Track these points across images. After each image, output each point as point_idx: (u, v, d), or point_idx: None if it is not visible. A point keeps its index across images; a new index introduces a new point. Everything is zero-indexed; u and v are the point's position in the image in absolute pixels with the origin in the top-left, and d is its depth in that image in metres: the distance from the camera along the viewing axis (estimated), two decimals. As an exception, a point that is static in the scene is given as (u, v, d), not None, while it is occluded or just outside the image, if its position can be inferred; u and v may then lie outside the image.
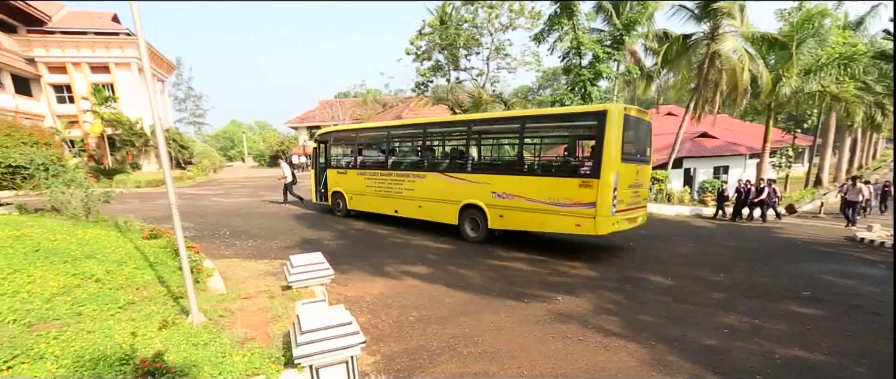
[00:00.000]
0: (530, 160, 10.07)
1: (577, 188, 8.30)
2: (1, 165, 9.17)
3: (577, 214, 8.34)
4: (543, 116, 9.85)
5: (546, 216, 8.84)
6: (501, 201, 9.51)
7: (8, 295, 4.61)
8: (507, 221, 9.57)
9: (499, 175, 9.76)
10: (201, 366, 3.84)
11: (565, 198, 8.47)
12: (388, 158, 12.14)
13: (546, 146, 10.65)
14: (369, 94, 32.71)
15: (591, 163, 8.27)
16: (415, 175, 11.18)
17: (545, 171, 9.54)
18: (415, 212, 11.33)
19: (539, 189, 8.91)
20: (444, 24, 25.13)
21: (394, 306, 6.21)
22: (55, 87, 27.53)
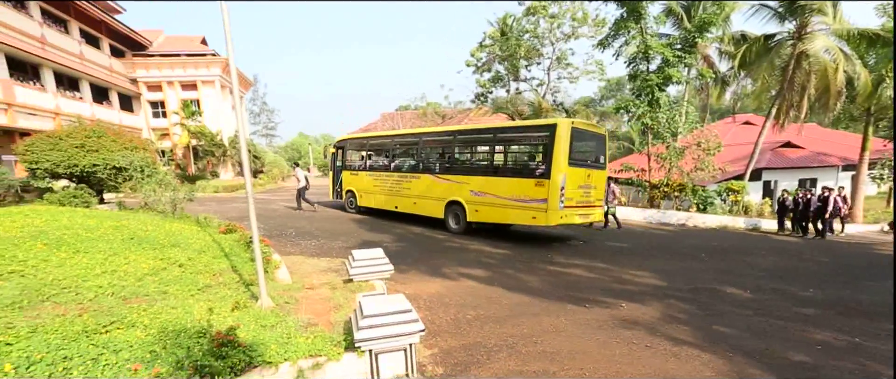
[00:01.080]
0: (499, 164, 11.45)
1: (533, 187, 9.87)
2: (108, 166, 10.29)
3: (534, 208, 9.83)
4: (510, 128, 11.70)
5: (510, 210, 10.38)
6: (477, 199, 11.07)
7: (108, 273, 5.13)
8: (481, 215, 11.09)
9: (476, 176, 11.26)
10: (268, 344, 4.02)
11: (524, 195, 10.02)
12: (391, 162, 13.77)
13: (513, 153, 12.06)
14: (429, 106, 33.35)
15: (544, 166, 9.82)
16: (411, 176, 12.82)
17: (510, 174, 10.85)
18: (411, 207, 12.85)
19: (505, 188, 10.48)
20: (505, 35, 25.23)
21: (451, 305, 6.19)
22: (151, 103, 30.76)
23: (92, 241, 6.17)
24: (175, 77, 30.10)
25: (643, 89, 14.33)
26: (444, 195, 11.86)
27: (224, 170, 31.98)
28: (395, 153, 14.01)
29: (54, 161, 10.03)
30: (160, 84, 30.12)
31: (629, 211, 15.10)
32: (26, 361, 3.03)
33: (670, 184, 14.70)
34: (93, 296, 4.48)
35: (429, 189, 12.25)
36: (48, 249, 5.52)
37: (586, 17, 22.56)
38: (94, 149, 10.45)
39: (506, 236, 11.45)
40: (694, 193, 14.81)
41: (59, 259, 5.28)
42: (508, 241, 10.85)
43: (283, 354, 3.90)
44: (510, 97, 23.54)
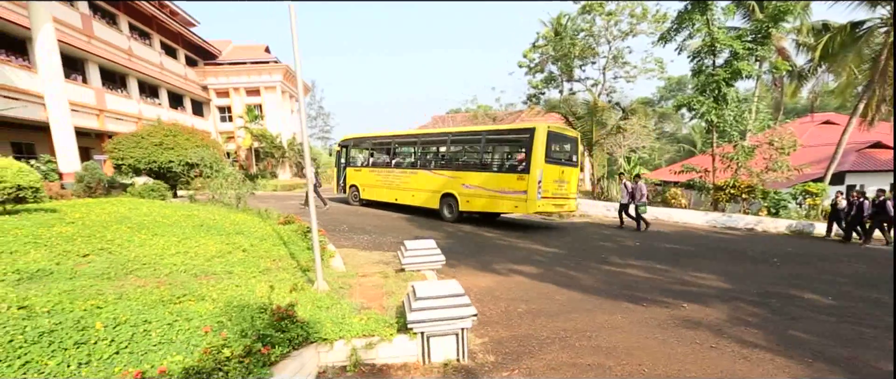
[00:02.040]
0: (487, 161, 12.65)
1: (516, 180, 11.35)
2: (182, 162, 11.13)
3: (516, 198, 11.31)
4: (496, 130, 13.14)
5: (497, 200, 11.82)
6: (468, 191, 12.47)
7: (181, 254, 5.54)
8: (471, 205, 12.47)
9: (467, 172, 12.65)
10: (324, 323, 4.15)
11: (508, 187, 11.49)
12: (391, 160, 15.11)
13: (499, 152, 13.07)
14: (480, 108, 33.37)
15: (524, 163, 11.27)
16: (410, 172, 14.24)
17: (497, 170, 12.26)
18: (409, 199, 14.09)
19: (492, 181, 11.96)
20: (559, 35, 24.73)
21: (501, 299, 6.11)
22: (219, 108, 33.02)
23: (168, 226, 6.69)
24: (241, 84, 32.11)
25: (708, 85, 13.46)
26: (439, 188, 13.26)
27: (282, 170, 33.63)
28: (395, 151, 15.33)
29: (137, 157, 10.99)
30: (228, 90, 32.24)
31: (689, 214, 14.25)
32: (113, 321, 3.32)
33: (737, 185, 13.70)
34: (168, 272, 4.84)
35: (426, 183, 13.62)
36: (131, 232, 6.04)
37: (646, 12, 21.63)
38: (170, 146, 11.35)
39: (556, 237, 11.19)
40: (764, 196, 13.72)
41: (140, 240, 5.77)
42: (559, 240, 10.59)
43: (337, 333, 4.02)
44: (564, 98, 23.03)
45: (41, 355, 2.81)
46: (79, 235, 5.52)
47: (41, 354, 2.83)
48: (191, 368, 2.83)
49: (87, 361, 2.89)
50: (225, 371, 2.96)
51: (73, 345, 2.98)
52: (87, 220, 6.29)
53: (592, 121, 15.46)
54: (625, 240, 10.92)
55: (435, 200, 13.41)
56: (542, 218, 14.62)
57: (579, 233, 11.86)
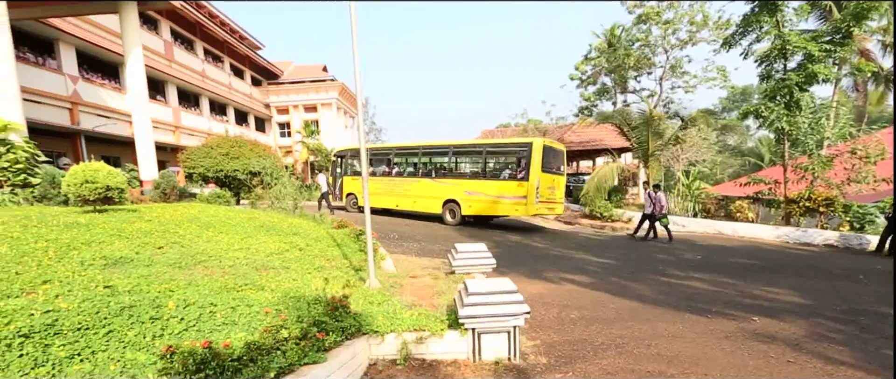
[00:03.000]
0: (489, 170, 13.98)
1: (516, 187, 12.75)
2: (246, 170, 11.84)
3: (516, 202, 12.69)
4: (497, 144, 14.91)
5: (498, 205, 13.16)
6: (470, 197, 13.66)
7: (243, 249, 5.86)
8: (473, 209, 13.69)
9: (470, 180, 13.96)
10: (375, 316, 4.21)
11: (509, 193, 12.87)
12: (392, 169, 15.92)
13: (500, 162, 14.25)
14: (530, 123, 33.13)
15: (523, 172, 12.73)
16: (411, 180, 15.15)
17: (498, 178, 13.53)
18: (411, 206, 14.90)
19: (494, 188, 13.27)
20: (613, 46, 24.24)
21: (553, 305, 5.93)
22: (279, 124, 34.98)
23: (231, 226, 7.11)
24: (299, 101, 33.89)
25: (779, 90, 12.54)
26: (441, 195, 14.20)
27: (336, 184, 34.89)
28: (396, 161, 16.18)
29: (206, 166, 11.82)
30: (287, 108, 34.12)
31: (756, 228, 13.20)
32: (184, 302, 3.55)
33: (813, 198, 12.53)
34: (232, 264, 5.13)
35: (428, 190, 14.52)
36: (200, 230, 6.48)
37: (707, 19, 20.71)
38: (235, 156, 12.12)
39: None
40: (846, 210, 12.46)
41: (207, 237, 6.16)
42: (612, 252, 10.16)
43: (389, 326, 4.06)
44: (618, 109, 22.39)
45: (122, 326, 3.05)
46: (155, 230, 5.99)
47: (122, 325, 3.07)
48: (252, 344, 2.96)
49: (160, 334, 3.10)
50: (283, 351, 3.06)
51: (149, 319, 3.21)
52: (162, 218, 6.82)
53: (648, 131, 14.83)
54: (684, 253, 10.30)
55: (437, 205, 14.35)
56: (595, 231, 14.14)
57: (633, 245, 11.33)
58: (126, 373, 2.63)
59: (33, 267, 4.01)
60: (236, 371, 2.74)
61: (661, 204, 11.79)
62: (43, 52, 16.23)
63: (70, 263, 4.28)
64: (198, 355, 2.60)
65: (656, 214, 11.81)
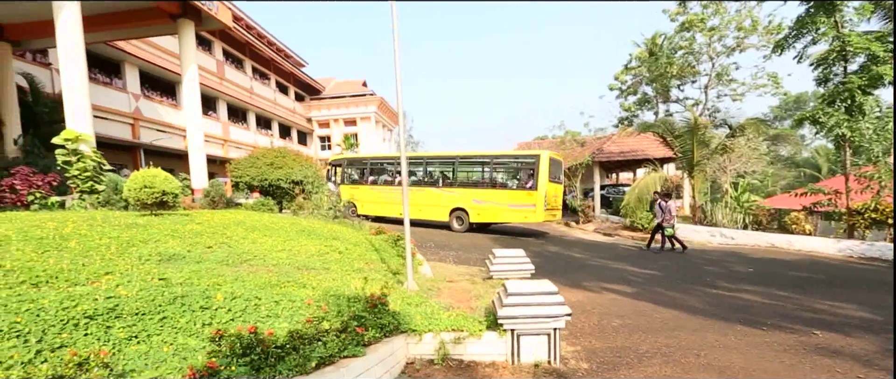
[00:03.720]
0: (498, 180, 14.71)
1: (526, 195, 13.59)
2: (289, 179, 12.27)
3: (526, 210, 13.52)
4: (506, 155, 15.59)
5: (507, 212, 13.95)
6: (479, 205, 14.30)
7: (285, 251, 6.05)
8: (481, 217, 14.37)
9: (478, 189, 14.58)
10: (414, 316, 4.22)
11: (518, 202, 13.67)
12: (394, 178, 16.14)
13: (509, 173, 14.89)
14: (568, 134, 32.65)
15: (532, 182, 13.62)
16: (416, 189, 15.15)
17: (508, 187, 14.34)
18: (415, 214, 14.40)
19: (503, 197, 14.06)
20: (654, 55, 23.67)
21: (593, 313, 5.75)
22: (320, 138, 36.13)
23: (275, 230, 7.36)
24: (340, 115, 34.93)
25: (838, 95, 11.75)
26: (448, 204, 14.69)
27: (374, 196, 35.48)
28: (399, 171, 16.01)
29: (252, 175, 12.34)
30: (328, 121, 35.24)
31: (815, 241, 12.28)
32: (231, 295, 3.70)
33: (881, 209, 11.57)
34: (275, 263, 5.30)
35: (434, 199, 14.89)
36: (245, 232, 6.75)
37: (756, 24, 19.85)
38: (279, 166, 12.60)
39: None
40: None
41: (252, 239, 6.41)
42: (654, 263, 9.75)
43: (427, 326, 4.06)
44: (661, 119, 21.74)
45: (174, 314, 3.21)
46: (205, 232, 6.29)
47: (174, 313, 3.23)
48: (295, 333, 3.03)
49: (209, 322, 3.23)
50: (324, 342, 3.12)
51: (200, 308, 3.36)
52: (211, 222, 7.15)
53: (693, 139, 14.21)
54: (733, 265, 9.74)
55: (444, 213, 14.83)
56: (636, 243, 13.63)
57: (677, 257, 10.83)
58: (178, 355, 2.76)
59: (97, 260, 4.30)
60: (279, 358, 2.80)
61: (671, 214, 11.55)
62: (111, 73, 17.60)
63: (129, 258, 4.56)
64: (244, 340, 2.69)
65: (664, 223, 11.59)
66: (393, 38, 5.51)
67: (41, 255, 4.17)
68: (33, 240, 4.58)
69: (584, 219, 18.73)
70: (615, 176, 28.59)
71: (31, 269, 3.67)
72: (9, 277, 3.43)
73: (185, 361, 2.69)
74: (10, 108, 12.46)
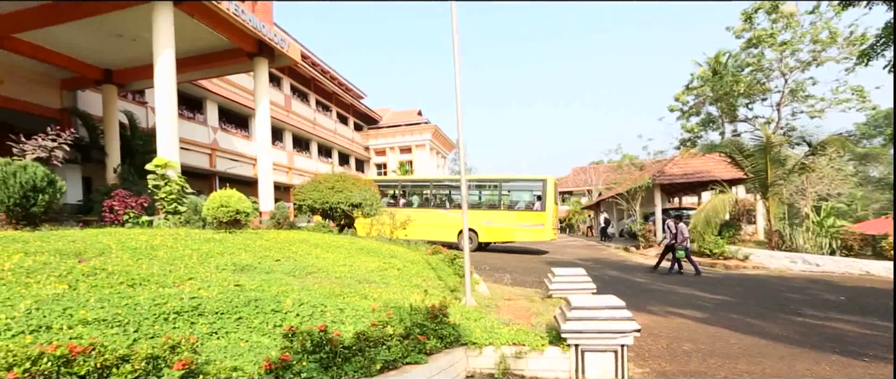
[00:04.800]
0: (507, 202, 15.72)
1: (535, 216, 14.84)
2: (349, 202, 12.76)
3: (535, 230, 14.70)
4: (513, 179, 16.41)
5: (516, 232, 15.07)
6: (488, 226, 15.35)
7: (347, 266, 6.26)
8: (490, 237, 15.48)
9: (488, 210, 15.67)
10: (473, 330, 4.19)
11: (529, 222, 14.84)
12: (399, 200, 17.01)
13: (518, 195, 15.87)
14: (625, 158, 31.62)
15: (540, 203, 14.94)
16: (423, 210, 15.90)
17: (517, 208, 15.49)
18: (422, 234, 14.42)
19: (512, 217, 15.19)
20: (718, 74, 22.64)
21: (662, 336, 5.41)
22: (377, 165, 37.38)
23: (336, 248, 7.65)
24: (396, 143, 36.09)
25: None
26: (457, 225, 15.28)
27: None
28: (405, 193, 17.25)
29: (314, 198, 12.96)
30: (385, 149, 36.47)
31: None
32: (298, 301, 3.88)
33: None
34: (338, 276, 5.50)
35: (442, 219, 15.60)
36: (309, 248, 7.06)
37: (836, 36, 18.46)
38: (340, 190, 13.15)
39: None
40: None
41: (316, 254, 6.69)
42: (727, 289, 9.01)
43: (487, 339, 4.01)
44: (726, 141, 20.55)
45: (249, 315, 3.41)
46: (272, 247, 6.67)
47: (249, 314, 3.43)
48: (360, 334, 3.12)
49: (280, 323, 3.40)
50: (388, 346, 3.18)
51: (271, 311, 3.55)
52: (277, 239, 7.57)
53: (766, 158, 13.22)
54: (820, 293, 8.80)
55: (453, 234, 15.41)
56: (704, 269, 12.72)
57: (753, 283, 9.97)
58: (253, 351, 2.92)
59: (182, 268, 4.68)
60: (346, 359, 2.89)
61: (684, 236, 11.22)
62: (194, 109, 19.45)
63: (208, 267, 4.92)
64: (314, 337, 2.80)
65: (676, 245, 11.23)
66: (454, 66, 5.71)
67: (136, 262, 4.61)
68: (129, 250, 5.08)
69: (645, 244, 17.82)
70: (678, 199, 27.12)
71: (128, 272, 4.06)
72: (111, 278, 3.82)
73: (259, 355, 2.83)
74: (113, 142, 14.06)
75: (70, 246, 4.83)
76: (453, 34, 5.74)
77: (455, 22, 5.77)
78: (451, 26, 5.72)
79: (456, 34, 5.76)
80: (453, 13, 5.78)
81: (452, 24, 5.75)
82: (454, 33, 5.75)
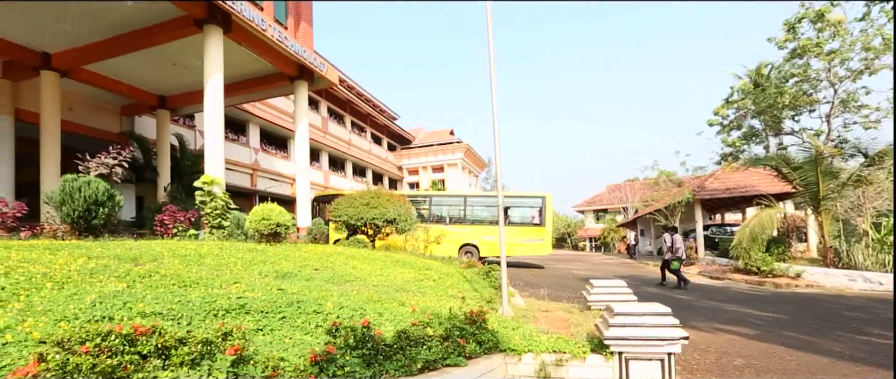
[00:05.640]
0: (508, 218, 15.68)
1: (535, 231, 15.46)
2: (383, 218, 12.96)
3: (535, 244, 15.20)
4: (513, 195, 17.00)
5: (517, 247, 15.22)
6: (489, 241, 15.49)
7: (383, 276, 6.36)
8: (491, 251, 15.37)
9: (488, 226, 15.84)
10: (511, 337, 4.15)
11: (528, 237, 15.30)
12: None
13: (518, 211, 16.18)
14: (662, 174, 30.74)
15: (539, 219, 15.57)
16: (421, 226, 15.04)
17: (517, 224, 15.76)
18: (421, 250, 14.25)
19: (514, 233, 15.15)
20: (759, 86, 21.83)
21: (709, 351, 5.16)
22: (410, 184, 37.85)
23: (371, 260, 7.77)
24: (428, 163, 36.53)
25: None
26: (457, 240, 15.50)
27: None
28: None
29: (350, 214, 13.23)
30: (417, 169, 36.95)
31: None
32: (339, 305, 3.96)
33: None
34: (375, 284, 5.58)
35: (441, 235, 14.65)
36: (346, 260, 7.21)
37: (889, 42, 17.52)
38: (374, 206, 13.38)
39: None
40: None
41: (352, 265, 6.82)
42: (779, 307, 8.48)
43: (526, 346, 3.96)
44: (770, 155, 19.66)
45: (292, 314, 3.51)
46: (311, 258, 6.85)
47: (292, 313, 3.53)
48: (402, 333, 3.15)
49: (321, 324, 3.48)
50: (428, 346, 3.19)
51: (313, 312, 3.64)
52: (315, 251, 7.77)
53: (817, 170, 12.51)
54: (885, 312, 8.15)
55: (453, 249, 15.36)
56: (751, 287, 12.04)
57: (807, 301, 9.35)
58: (297, 347, 3.00)
59: (227, 273, 4.88)
60: (387, 357, 2.92)
61: (677, 247, 11.23)
62: (238, 131, 20.44)
63: (252, 273, 5.11)
64: (357, 332, 2.86)
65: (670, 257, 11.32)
66: (490, 86, 5.82)
67: (186, 267, 4.85)
68: (179, 257, 5.35)
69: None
70: (720, 215, 26.00)
71: (179, 276, 4.27)
72: (164, 280, 4.03)
73: (304, 350, 2.91)
74: (164, 162, 14.93)
75: (127, 252, 5.14)
76: (490, 61, 5.85)
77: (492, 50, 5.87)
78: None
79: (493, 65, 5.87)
80: (490, 42, 5.91)
81: (489, 52, 5.87)
82: (491, 61, 5.86)
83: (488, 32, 5.78)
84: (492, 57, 5.84)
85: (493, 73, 5.81)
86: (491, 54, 5.84)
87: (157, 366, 2.08)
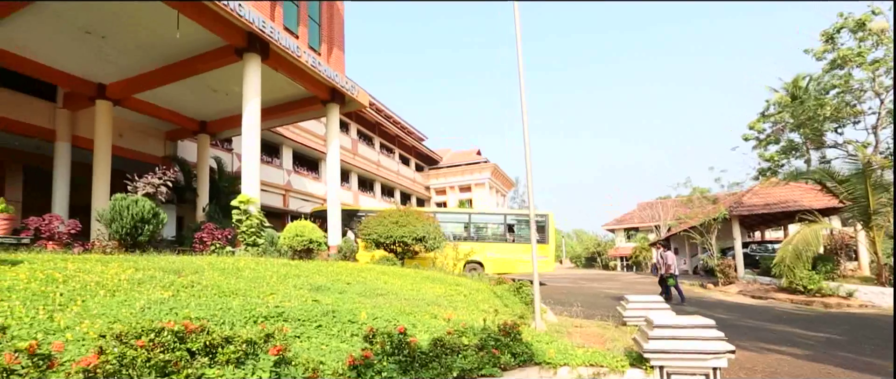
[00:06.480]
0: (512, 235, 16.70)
1: (540, 248, 14.29)
2: (412, 236, 13.05)
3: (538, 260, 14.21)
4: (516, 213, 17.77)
5: (521, 263, 15.87)
6: (494, 257, 16.03)
7: (414, 290, 6.37)
8: (496, 268, 15.46)
9: (493, 243, 16.59)
10: (546, 350, 4.06)
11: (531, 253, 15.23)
12: None
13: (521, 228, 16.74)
14: (695, 191, 29.80)
15: (542, 235, 15.99)
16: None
17: (521, 241, 16.35)
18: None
19: (518, 249, 16.15)
20: (797, 98, 21.13)
21: (756, 370, 4.92)
22: (437, 204, 37.99)
23: (402, 276, 7.82)
24: (455, 183, 36.68)
25: None
26: (463, 256, 14.93)
27: (488, 260, 35.49)
28: None
29: (379, 233, 13.38)
30: (445, 189, 37.13)
31: None
32: (372, 316, 4.01)
33: None
34: (406, 298, 5.61)
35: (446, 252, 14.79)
36: (376, 275, 7.29)
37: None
38: (403, 225, 13.51)
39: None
40: None
41: (383, 280, 6.88)
42: (831, 327, 7.98)
43: (562, 359, 3.87)
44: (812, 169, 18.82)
45: (327, 324, 3.58)
46: (343, 273, 6.96)
47: (328, 323, 3.60)
48: (437, 341, 3.15)
49: (356, 333, 3.52)
50: (463, 355, 3.18)
51: (348, 321, 3.70)
52: (346, 267, 7.90)
53: (866, 183, 11.86)
54: None
55: (459, 266, 14.86)
56: (796, 306, 11.40)
57: (863, 322, 8.77)
58: (334, 353, 3.05)
59: (264, 285, 5.02)
60: (423, 364, 2.93)
61: (669, 263, 11.81)
62: (272, 154, 21.19)
63: (287, 285, 5.23)
64: (394, 339, 2.88)
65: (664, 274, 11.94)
66: (520, 103, 5.91)
67: (225, 278, 5.02)
68: (218, 270, 5.54)
69: (724, 280, 16.36)
70: (759, 233, 24.88)
71: (219, 286, 4.43)
72: (205, 290, 4.19)
73: (341, 356, 2.95)
74: (203, 184, 15.58)
75: (170, 265, 5.37)
76: (520, 79, 5.94)
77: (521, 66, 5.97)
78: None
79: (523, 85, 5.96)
80: (519, 62, 6.01)
81: (519, 67, 5.97)
82: (520, 78, 5.95)
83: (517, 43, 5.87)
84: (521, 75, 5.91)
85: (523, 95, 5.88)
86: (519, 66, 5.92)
87: (205, 363, 2.16)
